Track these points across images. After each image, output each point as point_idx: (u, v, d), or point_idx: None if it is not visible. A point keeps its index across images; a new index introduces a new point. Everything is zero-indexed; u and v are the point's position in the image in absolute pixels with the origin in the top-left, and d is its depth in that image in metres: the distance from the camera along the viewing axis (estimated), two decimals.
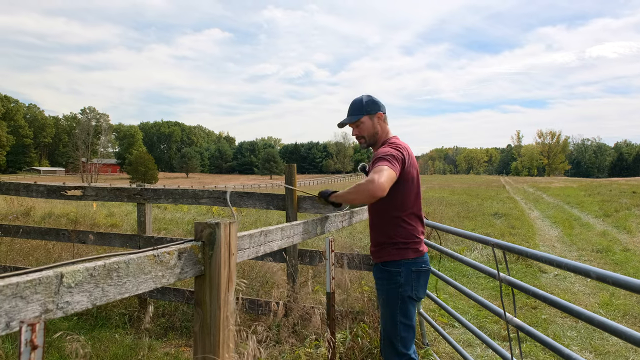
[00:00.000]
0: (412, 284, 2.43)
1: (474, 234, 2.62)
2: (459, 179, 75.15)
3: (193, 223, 1.50)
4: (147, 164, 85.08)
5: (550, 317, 5.18)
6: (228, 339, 1.29)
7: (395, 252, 2.44)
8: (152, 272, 1.12)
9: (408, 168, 2.39)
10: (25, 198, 15.19)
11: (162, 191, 4.54)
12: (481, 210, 17.26)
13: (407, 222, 2.45)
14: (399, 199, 2.42)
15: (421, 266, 2.47)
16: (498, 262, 2.32)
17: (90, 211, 13.46)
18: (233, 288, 1.35)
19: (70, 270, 0.91)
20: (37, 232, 5.19)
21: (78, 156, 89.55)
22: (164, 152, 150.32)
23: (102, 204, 16.05)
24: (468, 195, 27.73)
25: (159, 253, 1.14)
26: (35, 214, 12.83)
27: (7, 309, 0.79)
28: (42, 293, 0.85)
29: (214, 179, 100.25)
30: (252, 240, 1.56)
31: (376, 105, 2.57)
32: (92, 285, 0.96)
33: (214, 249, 1.29)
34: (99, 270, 0.98)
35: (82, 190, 4.86)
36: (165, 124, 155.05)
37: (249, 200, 4.12)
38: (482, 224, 12.85)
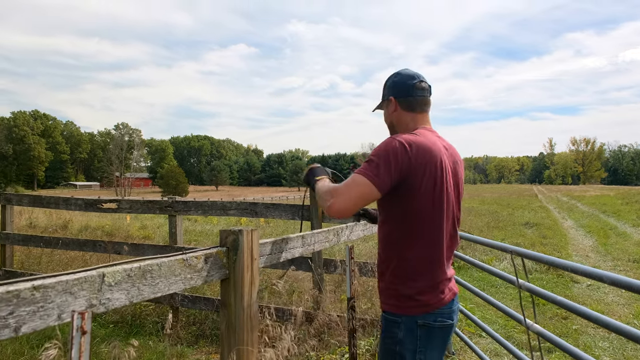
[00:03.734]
0: (418, 344, 1.65)
1: (492, 241, 2.65)
2: (490, 189, 73.81)
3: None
4: (178, 177, 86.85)
5: (581, 328, 5.08)
6: (252, 337, 1.39)
7: (392, 301, 1.70)
8: (182, 274, 1.24)
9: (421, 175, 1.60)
10: (63, 212, 15.81)
11: (192, 203, 4.73)
12: (512, 220, 16.94)
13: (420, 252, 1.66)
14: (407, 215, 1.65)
15: (436, 320, 1.66)
16: (517, 270, 2.35)
17: (124, 224, 13.91)
18: (256, 290, 1.46)
19: (110, 271, 1.03)
20: (76, 244, 5.45)
21: (112, 171, 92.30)
22: (194, 166, 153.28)
23: (135, 217, 16.54)
24: (498, 204, 27.24)
25: (187, 257, 1.25)
26: (73, 226, 13.35)
27: (59, 302, 0.91)
28: (87, 290, 0.98)
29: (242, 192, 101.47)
30: (273, 246, 1.67)
31: (391, 87, 1.86)
32: (129, 284, 1.08)
33: (237, 254, 1.40)
34: (135, 271, 1.10)
35: (117, 203, 5.10)
36: (195, 138, 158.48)
37: (275, 211, 4.25)
38: (512, 234, 12.63)
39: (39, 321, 0.88)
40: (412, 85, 1.78)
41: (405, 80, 1.80)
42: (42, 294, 0.88)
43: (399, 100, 1.80)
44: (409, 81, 1.79)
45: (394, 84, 1.83)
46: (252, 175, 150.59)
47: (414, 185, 1.59)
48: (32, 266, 6.46)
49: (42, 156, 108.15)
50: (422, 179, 1.60)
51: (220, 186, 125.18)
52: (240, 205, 4.45)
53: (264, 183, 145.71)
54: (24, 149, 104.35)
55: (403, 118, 1.80)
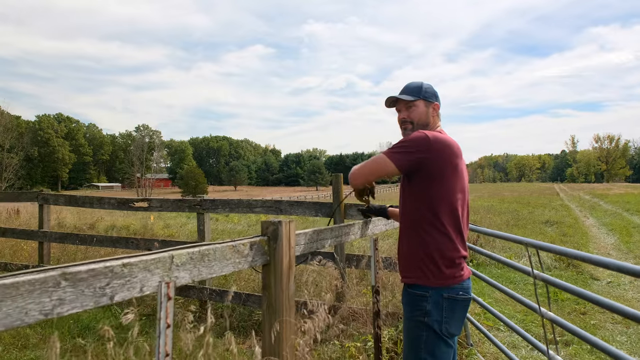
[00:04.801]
0: (443, 315, 1.89)
1: (507, 234, 2.79)
2: (510, 187, 72.90)
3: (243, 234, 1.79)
4: (198, 178, 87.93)
5: (599, 323, 5.16)
6: (290, 314, 1.58)
7: (421, 274, 1.93)
8: (232, 259, 1.43)
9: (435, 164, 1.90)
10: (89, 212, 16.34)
11: (220, 201, 4.95)
12: (532, 218, 16.84)
13: (444, 231, 1.92)
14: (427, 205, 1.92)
15: (458, 293, 1.93)
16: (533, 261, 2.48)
17: (149, 223, 14.30)
18: (293, 274, 1.64)
19: (177, 253, 1.23)
20: (109, 241, 5.74)
21: (133, 172, 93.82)
22: (213, 166, 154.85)
23: (158, 216, 16.96)
24: (519, 203, 26.98)
25: (236, 244, 1.45)
26: (100, 226, 13.81)
27: (141, 277, 1.11)
28: (160, 268, 1.17)
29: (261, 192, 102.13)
30: (306, 237, 1.86)
31: (435, 95, 2.19)
32: (191, 265, 1.27)
33: (277, 242, 1.60)
34: (196, 254, 1.29)
35: (148, 202, 5.36)
36: (213, 139, 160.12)
37: (298, 208, 4.44)
38: (532, 232, 12.60)
39: (126, 292, 1.08)
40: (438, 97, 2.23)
41: (435, 92, 2.21)
42: (129, 270, 1.08)
43: (439, 105, 2.20)
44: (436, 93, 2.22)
45: (436, 94, 2.21)
46: (270, 175, 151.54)
47: (436, 173, 1.90)
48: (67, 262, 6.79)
49: (65, 158, 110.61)
50: (444, 168, 1.92)
51: (239, 186, 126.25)
52: (265, 203, 4.66)
53: (282, 183, 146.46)
54: (49, 151, 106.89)
55: (436, 122, 2.16)
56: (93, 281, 1.00)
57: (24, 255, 7.32)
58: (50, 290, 0.92)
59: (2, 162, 65.48)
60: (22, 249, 7.58)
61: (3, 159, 65.62)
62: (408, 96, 2.13)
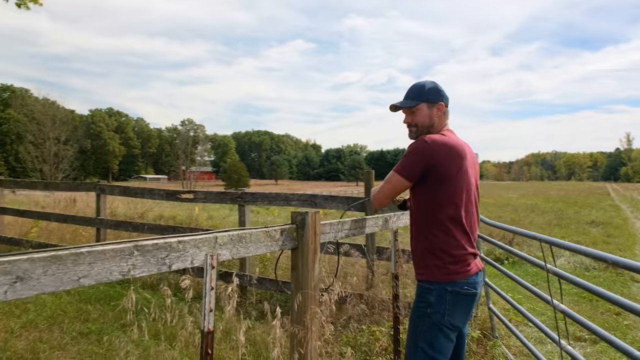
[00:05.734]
0: (446, 307, 1.99)
1: (520, 229, 2.94)
2: (558, 186, 70.40)
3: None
4: (240, 171, 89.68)
5: (633, 324, 5.15)
6: (314, 292, 1.85)
7: (428, 269, 2.06)
8: (265, 242, 1.71)
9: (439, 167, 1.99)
10: (139, 203, 17.24)
11: (259, 195, 5.29)
12: (576, 218, 16.40)
13: (449, 231, 2.03)
14: (438, 199, 2.03)
15: (462, 288, 2.01)
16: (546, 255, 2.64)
17: (194, 214, 14.96)
18: (318, 258, 1.91)
19: (220, 235, 1.51)
20: (158, 229, 6.20)
21: (179, 164, 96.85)
22: (255, 160, 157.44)
23: (202, 208, 17.66)
24: (564, 202, 26.19)
25: (269, 229, 1.72)
26: (149, 216, 14.59)
27: (191, 252, 1.41)
28: (206, 246, 1.46)
29: (301, 186, 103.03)
30: (331, 227, 2.11)
31: (439, 94, 2.18)
32: (231, 245, 1.56)
33: (304, 230, 1.86)
34: (235, 236, 1.58)
35: (194, 194, 5.77)
36: (255, 133, 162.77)
37: (332, 202, 4.71)
38: (574, 232, 12.35)
39: (181, 263, 1.38)
40: (447, 97, 2.23)
41: (441, 91, 2.20)
42: (182, 245, 1.38)
43: (445, 107, 2.20)
44: (446, 94, 2.22)
45: (441, 92, 2.20)
46: (310, 169, 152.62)
47: (439, 175, 1.99)
48: None
49: (116, 151, 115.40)
50: (448, 171, 2.00)
51: (280, 180, 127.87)
52: (302, 196, 4.95)
53: (322, 178, 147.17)
54: (100, 144, 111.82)
55: (442, 122, 2.20)
56: (156, 252, 1.30)
57: (82, 240, 7.97)
58: (126, 257, 1.22)
59: (59, 154, 69.26)
60: (81, 235, 8.24)
61: (59, 151, 69.38)
62: (409, 102, 2.18)
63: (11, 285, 0.99)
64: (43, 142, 68.26)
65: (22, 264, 1.01)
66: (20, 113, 74.72)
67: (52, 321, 4.66)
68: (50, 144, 68.41)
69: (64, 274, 1.09)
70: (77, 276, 1.12)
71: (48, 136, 68.43)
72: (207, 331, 1.33)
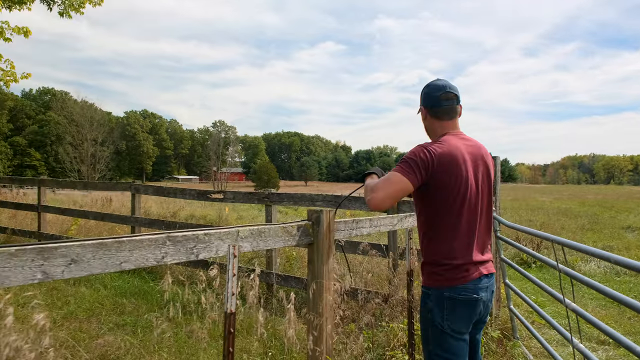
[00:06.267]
0: (444, 313, 1.99)
1: (534, 230, 3.02)
2: (595, 190, 68.13)
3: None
4: (270, 172, 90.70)
5: None
6: (328, 283, 2.01)
7: (425, 277, 2.07)
8: (283, 237, 1.88)
9: (440, 175, 1.95)
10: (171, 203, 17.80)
11: (285, 195, 5.49)
12: (612, 223, 15.94)
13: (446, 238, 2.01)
14: (435, 208, 2.01)
15: (460, 294, 1.98)
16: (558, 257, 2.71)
17: (223, 214, 15.36)
18: (332, 253, 2.07)
19: (242, 229, 1.69)
20: (190, 227, 6.48)
21: (210, 165, 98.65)
22: (285, 161, 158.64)
23: (232, 208, 18.07)
24: (601, 207, 25.40)
25: (286, 225, 1.89)
26: (180, 215, 15.07)
27: (216, 244, 1.59)
28: (229, 239, 1.64)
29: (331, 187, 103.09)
30: (346, 225, 2.27)
31: (422, 97, 2.17)
32: (251, 239, 1.74)
33: (319, 227, 2.02)
34: (255, 231, 1.75)
35: (223, 194, 6.02)
36: (285, 135, 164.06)
37: (356, 203, 4.86)
38: (607, 237, 12.05)
39: (207, 253, 1.56)
40: (438, 96, 2.08)
41: (432, 92, 2.10)
42: (208, 237, 1.57)
43: (428, 110, 2.13)
44: (435, 93, 2.09)
45: (424, 95, 2.14)
46: (340, 171, 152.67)
47: (437, 185, 1.94)
48: None
49: (149, 152, 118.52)
50: (445, 180, 1.94)
51: (310, 182, 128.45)
52: (326, 197, 5.12)
53: (352, 179, 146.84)
54: (135, 145, 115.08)
55: (432, 125, 2.13)
56: (186, 243, 1.49)
57: None
58: (160, 246, 1.41)
59: (96, 155, 71.72)
60: (117, 232, 8.64)
61: (96, 152, 71.85)
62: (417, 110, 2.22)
63: (67, 266, 1.19)
64: (81, 144, 70.89)
65: (76, 249, 1.21)
66: (60, 115, 77.73)
67: (90, 313, 4.97)
68: (88, 145, 70.95)
69: (108, 258, 1.29)
70: (120, 261, 1.32)
71: (86, 137, 71.01)
72: (230, 312, 1.51)
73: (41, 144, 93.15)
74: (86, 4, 9.98)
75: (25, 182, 11.94)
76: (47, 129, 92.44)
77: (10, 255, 1.09)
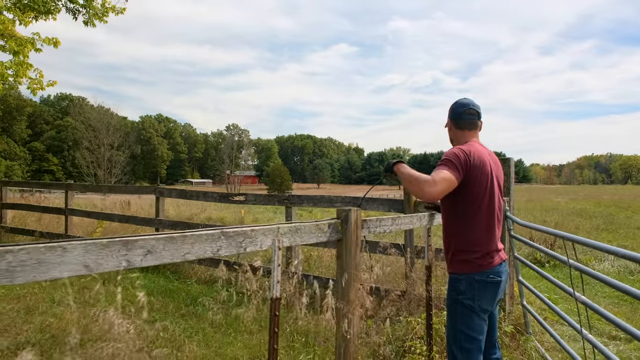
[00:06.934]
0: (475, 293, 2.33)
1: (544, 227, 3.19)
2: (612, 190, 67.29)
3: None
4: (283, 175, 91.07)
5: None
6: (356, 276, 2.22)
7: (457, 265, 2.41)
8: (316, 233, 2.10)
9: (474, 172, 2.30)
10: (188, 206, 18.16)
11: (305, 197, 5.72)
12: (627, 223, 15.91)
13: (473, 231, 2.36)
14: (464, 204, 2.36)
15: (488, 277, 2.35)
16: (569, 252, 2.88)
17: (239, 217, 15.65)
18: (359, 248, 2.28)
19: (282, 226, 1.92)
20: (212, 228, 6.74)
21: (223, 169, 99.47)
22: (297, 164, 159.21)
23: (248, 211, 18.36)
24: (617, 207, 25.20)
25: (319, 223, 2.12)
26: (197, 219, 15.40)
27: (261, 239, 1.81)
28: (271, 235, 1.86)
29: (343, 189, 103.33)
30: (371, 222, 2.48)
31: (449, 112, 2.59)
32: (290, 235, 1.96)
33: (347, 224, 2.24)
34: (292, 228, 1.97)
35: (245, 196, 6.26)
36: (298, 137, 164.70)
37: (373, 204, 5.07)
38: (622, 237, 12.07)
39: (253, 246, 1.79)
40: (462, 112, 2.54)
41: (457, 108, 2.56)
42: (254, 233, 1.79)
43: (453, 123, 2.58)
44: (460, 109, 2.55)
45: (450, 110, 2.60)
46: (352, 173, 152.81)
47: (471, 180, 2.30)
48: None
49: (164, 155, 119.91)
50: (476, 177, 2.31)
51: (322, 184, 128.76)
52: (344, 199, 5.33)
53: (364, 181, 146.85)
54: (150, 149, 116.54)
55: (456, 135, 2.57)
56: (236, 237, 1.71)
57: None
58: (216, 240, 1.64)
59: (112, 159, 72.85)
60: None
61: (113, 156, 72.98)
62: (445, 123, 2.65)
63: (144, 256, 1.43)
64: (98, 148, 72.06)
65: (151, 242, 1.45)
66: (78, 120, 79.15)
67: (122, 310, 5.24)
68: (105, 150, 72.09)
69: (175, 250, 1.52)
70: (184, 252, 1.55)
71: (102, 142, 72.17)
72: (275, 297, 1.73)
73: (59, 149, 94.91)
74: (110, 12, 10.35)
75: (52, 186, 12.37)
76: (64, 134, 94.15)
77: (102, 246, 1.33)
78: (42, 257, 1.20)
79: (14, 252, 1.15)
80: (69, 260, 1.25)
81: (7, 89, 11.58)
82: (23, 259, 1.17)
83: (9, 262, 1.14)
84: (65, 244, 1.24)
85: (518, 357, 3.81)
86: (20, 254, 1.16)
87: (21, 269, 1.16)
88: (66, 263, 1.25)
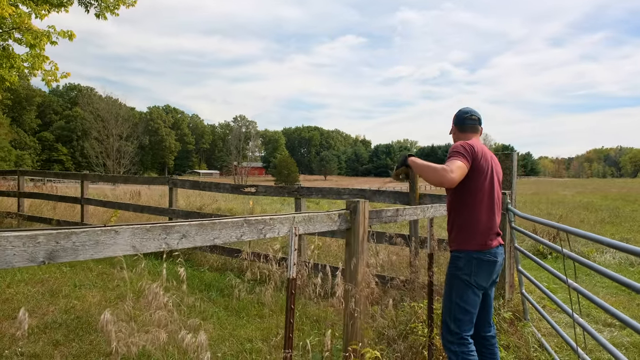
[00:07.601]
0: (472, 269, 2.59)
1: (541, 219, 3.39)
2: (621, 183, 66.87)
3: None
4: (290, 167, 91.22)
5: None
6: (363, 261, 2.44)
7: (458, 243, 2.68)
8: (327, 222, 2.31)
9: (479, 162, 2.60)
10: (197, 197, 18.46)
11: (314, 189, 5.93)
12: (633, 216, 15.99)
13: (475, 213, 2.64)
14: (468, 189, 2.62)
15: (485, 255, 2.61)
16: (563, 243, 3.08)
17: (248, 208, 15.91)
18: (366, 237, 2.49)
19: (297, 215, 2.13)
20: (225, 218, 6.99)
21: (231, 160, 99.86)
22: (304, 156, 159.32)
23: (256, 202, 18.62)
24: (624, 200, 25.21)
25: (330, 213, 2.33)
26: (208, 209, 15.68)
27: (278, 227, 2.03)
28: (287, 223, 2.08)
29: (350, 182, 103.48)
30: (377, 213, 2.69)
31: (454, 118, 2.93)
32: (303, 223, 2.17)
33: (356, 214, 2.45)
34: (306, 217, 2.19)
35: (256, 188, 6.49)
36: (305, 129, 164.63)
37: (380, 196, 5.27)
38: (626, 230, 12.19)
39: (272, 233, 2.01)
40: (464, 118, 2.89)
41: (460, 115, 2.90)
42: (272, 221, 2.01)
43: (456, 128, 2.91)
44: (463, 115, 2.89)
45: (455, 117, 2.94)
46: (359, 165, 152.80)
47: (475, 168, 2.59)
48: None
49: (172, 146, 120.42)
50: (479, 166, 2.61)
51: (329, 176, 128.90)
52: (352, 191, 5.54)
53: (371, 173, 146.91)
54: (158, 139, 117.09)
55: (459, 138, 2.87)
56: (257, 225, 1.93)
57: None
58: (239, 227, 1.86)
59: (120, 150, 73.46)
60: None
61: (121, 146, 73.58)
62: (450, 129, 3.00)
63: (180, 240, 1.65)
64: (106, 138, 72.65)
65: (185, 227, 1.67)
66: (86, 111, 79.78)
67: (139, 294, 5.51)
68: (113, 140, 72.68)
69: (206, 235, 1.74)
70: (212, 237, 1.77)
71: (111, 132, 72.75)
72: (292, 278, 1.95)
73: (68, 139, 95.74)
74: (121, 5, 10.54)
75: (69, 176, 12.66)
76: (73, 124, 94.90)
77: (146, 231, 1.55)
78: (99, 239, 1.42)
79: (77, 234, 1.37)
80: (119, 242, 1.47)
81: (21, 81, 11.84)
82: (84, 240, 1.39)
83: (73, 242, 1.36)
84: (117, 228, 1.47)
85: (515, 341, 4.02)
86: (81, 235, 1.39)
87: (82, 248, 1.39)
88: (118, 244, 1.47)
